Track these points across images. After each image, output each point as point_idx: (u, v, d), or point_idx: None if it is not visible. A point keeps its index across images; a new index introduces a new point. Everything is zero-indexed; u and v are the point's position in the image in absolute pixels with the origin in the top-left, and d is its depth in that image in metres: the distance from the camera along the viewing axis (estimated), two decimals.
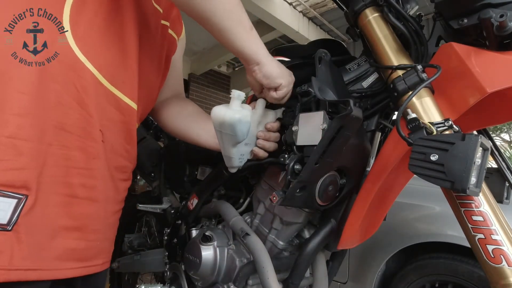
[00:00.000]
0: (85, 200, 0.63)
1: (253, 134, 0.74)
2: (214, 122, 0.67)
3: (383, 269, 1.55)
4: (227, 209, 0.91)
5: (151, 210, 1.24)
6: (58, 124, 0.58)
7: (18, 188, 0.53)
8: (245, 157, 0.74)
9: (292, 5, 4.51)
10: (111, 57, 0.65)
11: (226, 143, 0.69)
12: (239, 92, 0.67)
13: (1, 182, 0.52)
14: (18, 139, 0.54)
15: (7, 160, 0.53)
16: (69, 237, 0.60)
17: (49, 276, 0.57)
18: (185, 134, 0.90)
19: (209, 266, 0.86)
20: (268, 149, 0.76)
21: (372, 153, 0.78)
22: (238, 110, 0.66)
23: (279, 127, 0.77)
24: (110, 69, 0.65)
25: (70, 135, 0.60)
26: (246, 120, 0.67)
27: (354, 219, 0.74)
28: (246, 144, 0.72)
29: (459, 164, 0.53)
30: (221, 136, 0.68)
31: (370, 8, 0.72)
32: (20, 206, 0.53)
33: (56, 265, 0.58)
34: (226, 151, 0.71)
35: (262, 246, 0.80)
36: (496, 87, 0.56)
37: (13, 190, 0.53)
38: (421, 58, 0.70)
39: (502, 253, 0.56)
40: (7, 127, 0.53)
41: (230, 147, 0.69)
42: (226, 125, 0.65)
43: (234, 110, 0.66)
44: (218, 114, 0.66)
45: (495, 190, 0.65)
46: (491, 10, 0.57)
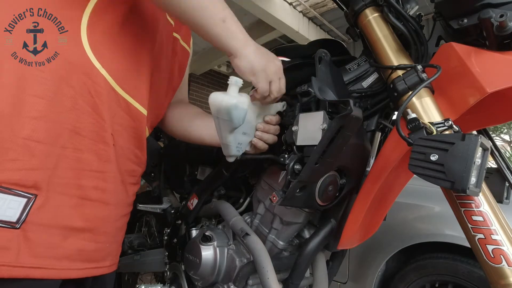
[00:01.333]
0: (96, 203, 0.64)
1: (251, 125, 0.74)
2: (211, 108, 0.69)
3: (383, 269, 1.55)
4: (227, 209, 0.91)
5: (151, 210, 1.24)
6: (73, 128, 0.60)
7: (28, 188, 0.55)
8: (242, 146, 0.74)
9: (292, 5, 4.51)
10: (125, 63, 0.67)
11: (223, 129, 0.70)
12: (237, 79, 0.68)
13: (13, 181, 0.54)
14: (32, 140, 0.55)
15: (20, 160, 0.54)
16: (79, 237, 0.62)
17: (55, 275, 0.58)
18: (188, 134, 0.90)
19: (209, 266, 0.86)
20: (267, 140, 0.75)
21: (372, 153, 0.78)
22: (235, 96, 0.67)
23: (278, 120, 0.77)
24: (122, 75, 0.67)
25: (84, 139, 0.62)
26: (242, 107, 0.68)
27: (354, 219, 0.74)
28: (244, 134, 0.73)
29: (459, 164, 0.53)
30: (219, 122, 0.69)
31: (370, 8, 0.72)
32: (29, 205, 0.55)
33: (64, 265, 0.59)
34: (223, 139, 0.72)
35: (262, 246, 0.80)
36: (496, 87, 0.56)
37: (23, 190, 0.54)
38: (421, 58, 0.70)
39: (502, 253, 0.56)
40: (23, 129, 0.55)
41: (227, 133, 0.70)
42: (223, 111, 0.67)
43: (231, 96, 0.67)
44: (215, 100, 0.67)
45: (495, 190, 0.65)
46: (491, 10, 0.57)
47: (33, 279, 0.55)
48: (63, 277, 0.59)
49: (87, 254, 0.63)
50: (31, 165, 0.55)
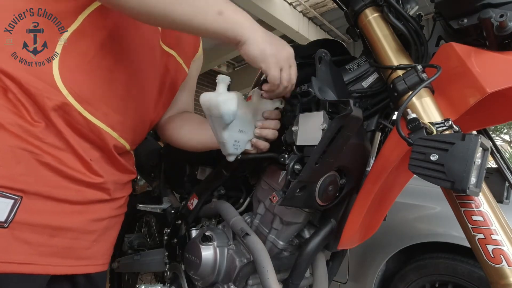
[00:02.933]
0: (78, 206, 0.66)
1: (249, 123, 0.74)
2: (203, 108, 0.70)
3: (383, 269, 1.55)
4: (227, 209, 0.91)
5: (151, 210, 1.24)
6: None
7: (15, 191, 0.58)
8: (240, 144, 0.74)
9: (292, 5, 4.51)
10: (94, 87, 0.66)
11: (217, 127, 0.71)
12: (224, 76, 0.70)
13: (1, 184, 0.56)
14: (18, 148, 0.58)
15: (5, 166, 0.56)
16: (66, 236, 0.64)
17: (43, 270, 0.60)
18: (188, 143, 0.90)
19: (209, 266, 0.86)
20: (267, 135, 0.74)
21: (372, 153, 0.78)
22: (223, 92, 0.69)
23: (278, 114, 0.76)
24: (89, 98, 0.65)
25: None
26: (231, 102, 0.69)
27: (354, 219, 0.74)
28: (241, 132, 0.73)
29: (459, 164, 0.53)
30: (212, 121, 0.71)
31: (370, 8, 0.72)
32: (16, 206, 0.57)
33: (52, 262, 0.61)
34: (219, 137, 0.72)
35: (262, 246, 0.80)
36: (496, 87, 0.56)
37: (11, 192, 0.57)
38: (421, 58, 0.70)
39: (502, 253, 0.56)
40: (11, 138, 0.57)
41: (221, 131, 0.71)
42: (212, 107, 0.68)
43: (219, 93, 0.69)
44: (205, 98, 0.69)
45: (495, 190, 0.65)
46: (491, 10, 0.57)
47: (22, 274, 0.57)
48: (51, 273, 0.62)
49: (76, 251, 0.66)
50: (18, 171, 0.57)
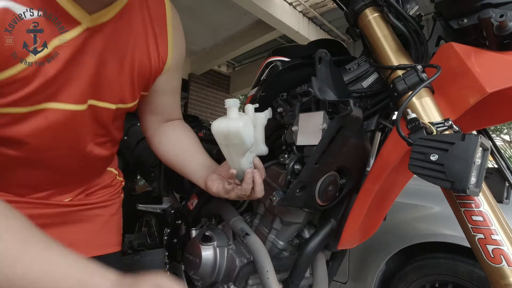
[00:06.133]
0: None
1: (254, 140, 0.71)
2: (217, 137, 0.64)
3: (383, 269, 1.55)
4: (227, 209, 0.91)
5: (151, 210, 1.24)
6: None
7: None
8: (252, 164, 0.71)
9: (292, 5, 4.51)
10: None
11: (234, 155, 0.66)
12: (234, 100, 0.64)
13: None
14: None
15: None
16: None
17: None
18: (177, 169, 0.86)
19: (209, 266, 0.86)
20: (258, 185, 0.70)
21: (372, 153, 0.78)
22: (239, 118, 0.63)
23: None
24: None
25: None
26: (249, 125, 0.64)
27: (354, 219, 0.74)
28: (251, 152, 0.70)
29: (459, 164, 0.53)
30: (228, 149, 0.65)
31: (370, 8, 0.72)
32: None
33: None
34: (236, 164, 0.67)
35: (262, 246, 0.80)
36: (496, 87, 0.56)
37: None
38: (421, 58, 0.70)
39: (502, 253, 0.56)
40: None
41: (240, 157, 0.66)
42: (232, 136, 0.62)
43: (236, 119, 0.63)
44: (220, 127, 0.63)
45: (495, 190, 0.65)
46: (491, 10, 0.57)
47: None
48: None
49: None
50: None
